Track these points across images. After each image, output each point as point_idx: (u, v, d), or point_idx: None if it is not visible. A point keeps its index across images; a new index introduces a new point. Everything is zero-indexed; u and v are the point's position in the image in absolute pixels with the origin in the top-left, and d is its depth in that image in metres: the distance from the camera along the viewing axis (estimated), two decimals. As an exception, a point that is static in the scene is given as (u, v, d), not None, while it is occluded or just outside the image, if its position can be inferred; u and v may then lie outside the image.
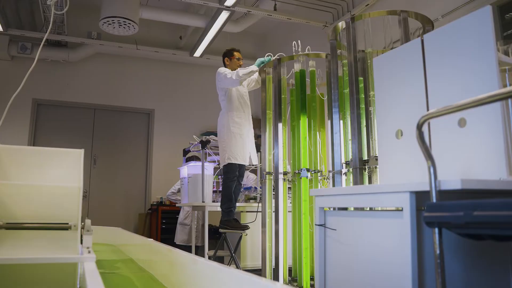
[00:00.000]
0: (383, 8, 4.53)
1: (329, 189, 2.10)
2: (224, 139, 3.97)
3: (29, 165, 1.76)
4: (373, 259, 1.50)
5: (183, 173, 4.96)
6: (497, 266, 1.43)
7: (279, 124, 3.70)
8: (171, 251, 2.14)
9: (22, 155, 1.78)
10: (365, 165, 2.85)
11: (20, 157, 1.76)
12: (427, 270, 1.36)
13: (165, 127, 7.50)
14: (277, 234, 3.53)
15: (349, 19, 3.01)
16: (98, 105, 7.13)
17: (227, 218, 3.85)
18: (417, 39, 1.74)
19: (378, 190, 1.49)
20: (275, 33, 7.39)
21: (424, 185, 1.34)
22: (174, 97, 7.61)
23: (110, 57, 7.15)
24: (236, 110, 4.06)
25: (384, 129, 1.87)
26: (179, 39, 7.12)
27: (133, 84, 7.36)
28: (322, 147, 3.70)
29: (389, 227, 1.44)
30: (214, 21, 5.25)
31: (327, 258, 1.76)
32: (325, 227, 1.78)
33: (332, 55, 3.33)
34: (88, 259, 1.44)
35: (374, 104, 3.01)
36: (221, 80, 4.02)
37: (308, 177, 3.53)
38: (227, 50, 4.32)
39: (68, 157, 1.82)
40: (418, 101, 1.71)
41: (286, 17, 5.29)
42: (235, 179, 3.93)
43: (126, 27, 4.90)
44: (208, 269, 1.55)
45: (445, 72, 1.62)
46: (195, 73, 7.75)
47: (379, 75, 1.94)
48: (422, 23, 3.07)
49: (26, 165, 1.76)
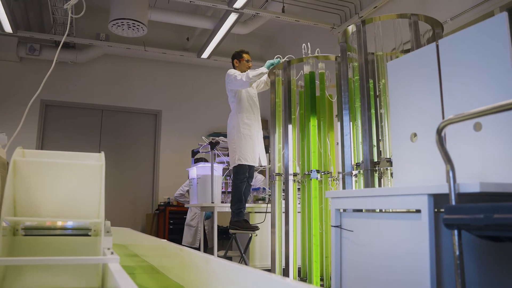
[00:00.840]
0: (391, 11, 4.57)
1: (345, 191, 2.14)
2: (234, 140, 4.01)
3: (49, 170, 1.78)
4: (390, 260, 1.54)
5: (192, 174, 5.00)
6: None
7: (289, 125, 3.74)
8: (184, 250, 2.16)
9: (42, 158, 1.81)
10: (376, 167, 2.89)
11: (40, 164, 1.78)
12: (444, 270, 1.39)
13: (172, 128, 7.56)
14: (287, 235, 3.57)
15: (359, 22, 3.04)
16: (106, 106, 7.18)
17: (237, 219, 3.89)
18: (432, 44, 1.77)
19: (396, 192, 1.52)
20: (281, 34, 7.43)
21: (442, 187, 1.38)
22: (181, 98, 7.67)
23: (118, 59, 7.21)
24: (246, 111, 4.10)
25: (398, 132, 1.90)
26: (186, 40, 7.17)
27: (141, 85, 7.41)
28: (331, 148, 3.74)
29: (406, 228, 1.48)
30: (223, 23, 5.29)
31: (343, 259, 1.79)
32: (341, 228, 1.81)
33: (342, 58, 3.36)
34: (112, 260, 1.47)
35: (386, 107, 3.05)
36: (231, 82, 4.06)
37: (318, 179, 3.56)
38: (236, 52, 4.36)
39: (88, 160, 1.85)
40: (433, 105, 1.74)
41: (294, 19, 5.32)
42: (245, 180, 3.97)
43: (135, 29, 4.95)
44: (223, 268, 1.57)
45: (460, 77, 1.65)
46: (202, 74, 7.80)
47: (394, 79, 1.97)
48: (431, 25, 3.10)
49: (45, 171, 1.78)
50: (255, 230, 3.91)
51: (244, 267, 1.45)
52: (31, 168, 1.68)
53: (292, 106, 3.81)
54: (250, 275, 1.33)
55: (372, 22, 3.09)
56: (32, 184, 1.69)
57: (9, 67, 6.69)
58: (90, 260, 1.49)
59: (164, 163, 7.45)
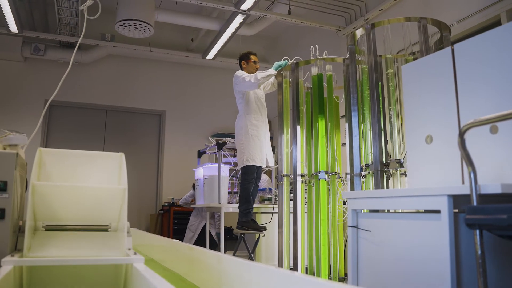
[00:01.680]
0: (397, 13, 4.61)
1: (362, 192, 2.17)
2: (242, 141, 4.04)
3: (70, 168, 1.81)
4: (409, 259, 1.57)
5: (199, 175, 5.03)
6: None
7: (297, 126, 3.78)
8: (193, 249, 2.18)
9: (64, 158, 1.83)
10: (385, 168, 2.93)
11: (62, 159, 1.81)
12: (463, 269, 1.43)
13: (177, 128, 7.59)
14: (296, 235, 3.60)
15: (369, 25, 3.08)
16: (110, 106, 7.21)
17: (245, 219, 3.92)
18: (448, 48, 1.81)
19: (415, 193, 1.56)
20: (285, 36, 7.47)
21: (462, 188, 1.41)
22: (186, 98, 7.70)
23: (123, 59, 7.25)
24: (254, 112, 4.13)
25: (413, 134, 1.94)
26: (190, 41, 7.21)
27: (145, 85, 7.45)
28: (337, 149, 3.77)
29: (426, 228, 1.51)
30: (229, 24, 5.32)
31: (359, 258, 1.83)
32: (357, 228, 1.85)
33: (351, 60, 3.40)
34: (137, 260, 1.49)
35: (395, 109, 3.09)
36: (239, 83, 4.09)
37: (326, 179, 3.60)
38: (244, 53, 4.39)
39: (108, 160, 1.87)
40: (449, 108, 1.78)
41: (300, 21, 5.36)
42: (253, 180, 4.01)
43: (142, 30, 4.98)
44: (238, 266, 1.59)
45: (475, 81, 1.69)
46: (206, 75, 7.84)
47: (408, 82, 2.01)
48: (439, 28, 3.15)
49: (67, 168, 1.81)
50: (263, 231, 3.95)
51: (265, 266, 1.48)
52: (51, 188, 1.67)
53: (300, 107, 3.85)
54: (275, 274, 1.35)
55: (381, 25, 3.13)
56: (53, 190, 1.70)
57: (13, 67, 6.71)
58: (116, 261, 1.51)
59: (168, 164, 7.48)
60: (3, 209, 1.49)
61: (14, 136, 1.68)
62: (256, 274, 1.41)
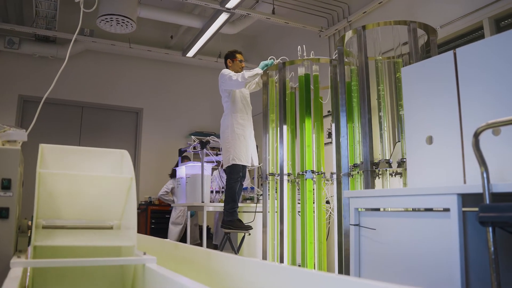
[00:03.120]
0: (380, 16, 4.70)
1: (366, 191, 2.20)
2: (228, 140, 4.02)
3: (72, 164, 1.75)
4: (416, 257, 1.61)
5: (181, 173, 4.98)
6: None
7: (284, 126, 3.79)
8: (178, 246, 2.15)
9: (65, 154, 1.77)
10: (375, 168, 2.98)
11: (63, 156, 1.75)
12: (471, 267, 1.47)
13: (154, 126, 7.49)
14: (282, 234, 3.61)
15: (360, 27, 3.13)
16: (86, 102, 7.04)
17: (231, 218, 3.91)
18: (449, 52, 1.86)
19: (424, 192, 1.59)
20: (264, 36, 7.49)
21: (471, 187, 1.46)
22: (164, 96, 7.61)
23: (101, 55, 7.08)
24: (240, 111, 4.12)
25: (413, 135, 1.98)
26: (169, 38, 7.12)
27: (123, 82, 7.31)
28: (322, 149, 3.80)
29: (434, 227, 1.55)
30: (213, 22, 5.28)
31: (362, 257, 1.85)
32: (361, 227, 1.87)
33: (339, 61, 3.44)
34: (150, 261, 1.46)
35: (385, 110, 3.15)
36: (225, 81, 4.07)
37: (312, 179, 3.63)
38: (230, 52, 4.37)
39: (110, 157, 1.82)
40: (450, 109, 1.83)
41: (283, 21, 5.38)
42: (238, 179, 4.00)
43: (124, 25, 4.88)
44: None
45: (477, 84, 1.74)
46: (186, 73, 7.77)
47: (409, 84, 2.05)
48: (426, 32, 3.23)
49: (69, 164, 1.75)
50: (248, 230, 3.94)
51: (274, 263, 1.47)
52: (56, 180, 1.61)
53: (286, 107, 3.86)
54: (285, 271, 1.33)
55: (372, 27, 3.19)
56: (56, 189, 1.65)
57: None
58: (127, 261, 1.47)
59: (145, 162, 7.37)
60: (7, 208, 1.44)
61: (14, 132, 1.61)
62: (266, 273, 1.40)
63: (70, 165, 1.72)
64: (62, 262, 1.34)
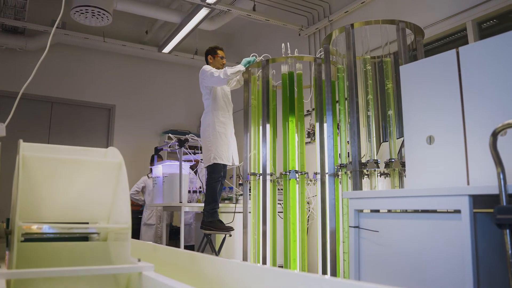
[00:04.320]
0: (362, 16, 4.69)
1: (368, 192, 2.14)
2: (209, 138, 3.90)
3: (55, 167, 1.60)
4: (422, 259, 1.56)
5: (157, 172, 4.82)
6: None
7: (267, 125, 3.70)
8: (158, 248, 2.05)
9: (47, 153, 1.62)
10: (363, 168, 2.94)
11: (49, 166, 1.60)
12: (481, 269, 1.43)
13: (127, 124, 7.25)
14: (265, 235, 3.53)
15: (349, 25, 3.08)
16: (56, 98, 6.74)
17: (211, 219, 3.80)
18: (452, 51, 1.83)
19: (432, 193, 1.54)
20: (242, 34, 7.40)
21: (484, 189, 1.42)
22: (138, 93, 7.38)
23: (73, 48, 6.78)
24: (221, 109, 4.01)
25: (413, 135, 1.93)
26: (144, 34, 6.92)
27: (95, 77, 7.03)
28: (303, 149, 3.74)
29: (444, 229, 1.50)
30: (192, 17, 5.14)
31: (362, 260, 1.79)
32: (361, 228, 1.81)
33: (325, 59, 3.39)
34: (147, 268, 1.34)
35: (372, 109, 3.11)
36: (206, 78, 3.95)
37: (296, 179, 3.57)
38: (211, 48, 4.26)
39: (100, 166, 1.67)
40: (452, 109, 1.79)
41: (264, 18, 5.30)
42: (220, 179, 3.89)
43: (99, 18, 4.68)
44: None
45: (481, 83, 1.71)
46: (161, 69, 7.57)
47: (408, 82, 2.00)
48: (413, 32, 3.22)
49: (54, 174, 1.59)
50: (229, 231, 3.84)
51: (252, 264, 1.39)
52: (40, 165, 1.48)
53: (270, 105, 3.78)
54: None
55: (360, 26, 3.15)
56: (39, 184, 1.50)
57: None
58: (127, 269, 1.34)
59: (117, 160, 7.12)
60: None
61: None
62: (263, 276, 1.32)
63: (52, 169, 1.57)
64: (49, 272, 1.20)
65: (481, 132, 1.69)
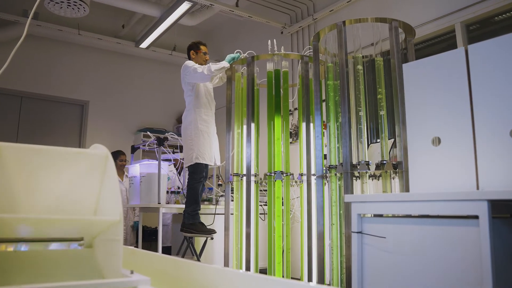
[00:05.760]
0: (348, 15, 4.62)
1: (375, 196, 2.04)
2: (191, 137, 3.74)
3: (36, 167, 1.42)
4: (435, 267, 1.46)
5: (134, 172, 4.62)
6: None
7: (252, 124, 3.57)
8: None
9: (28, 155, 1.44)
10: (354, 170, 2.84)
11: (25, 157, 1.42)
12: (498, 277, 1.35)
13: (101, 121, 6.98)
14: (248, 238, 3.40)
15: (340, 22, 2.99)
16: (26, 92, 6.41)
17: (192, 222, 3.64)
18: (461, 49, 1.74)
19: (448, 198, 1.45)
20: (221, 31, 7.25)
21: (502, 193, 1.33)
22: (112, 89, 7.12)
23: (45, 41, 6.45)
24: (204, 107, 3.86)
25: (417, 136, 1.84)
26: (121, 28, 6.67)
27: (68, 72, 6.73)
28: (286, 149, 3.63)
29: (460, 235, 1.41)
30: (173, 11, 4.95)
31: (365, 267, 1.69)
32: (364, 234, 1.71)
33: (314, 58, 3.29)
34: (143, 282, 1.18)
35: (364, 110, 3.03)
36: (189, 74, 3.78)
37: (282, 180, 3.45)
38: (193, 43, 4.10)
39: (84, 158, 1.50)
40: (460, 109, 1.71)
41: (247, 15, 5.17)
42: (201, 180, 3.73)
43: (76, 9, 4.44)
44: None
45: (492, 83, 1.64)
46: (137, 65, 7.32)
47: (411, 81, 1.91)
48: (404, 31, 3.16)
49: (32, 167, 1.41)
50: (211, 234, 3.68)
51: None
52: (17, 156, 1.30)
53: (255, 104, 3.66)
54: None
55: (352, 24, 3.06)
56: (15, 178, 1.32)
57: None
58: (114, 284, 1.17)
59: (90, 159, 6.84)
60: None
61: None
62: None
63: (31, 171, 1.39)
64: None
65: (491, 132, 1.61)
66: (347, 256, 2.69)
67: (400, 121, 2.80)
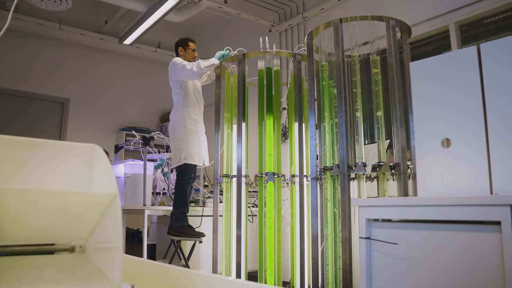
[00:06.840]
0: (338, 14, 4.55)
1: (386, 200, 1.95)
2: (180, 136, 3.61)
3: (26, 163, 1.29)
4: (451, 275, 1.39)
5: (117, 172, 4.46)
6: None
7: (243, 124, 3.47)
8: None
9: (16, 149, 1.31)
10: (351, 171, 2.76)
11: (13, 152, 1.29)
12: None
13: (81, 119, 6.77)
14: (239, 240, 3.29)
15: (337, 20, 2.91)
16: (3, 89, 6.15)
17: (180, 225, 3.51)
18: (472, 47, 1.68)
19: (467, 202, 1.37)
20: (206, 29, 7.12)
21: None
22: (94, 86, 6.90)
23: (24, 35, 6.20)
24: (192, 105, 3.73)
25: (426, 137, 1.77)
26: (103, 23, 6.47)
27: (48, 68, 6.49)
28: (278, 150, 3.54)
29: (479, 242, 1.34)
30: (159, 6, 4.80)
31: (374, 276, 1.60)
32: (369, 240, 1.62)
33: (308, 56, 3.21)
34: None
35: (361, 110, 2.95)
36: (177, 71, 3.65)
37: (274, 182, 3.36)
38: (182, 39, 3.97)
39: (76, 154, 1.38)
40: (472, 109, 1.64)
41: (236, 12, 5.06)
42: (190, 181, 3.61)
43: (57, 2, 4.26)
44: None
45: (505, 82, 1.58)
46: (120, 62, 7.12)
47: (419, 80, 1.84)
48: (400, 30, 3.10)
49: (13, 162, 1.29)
50: (200, 237, 3.56)
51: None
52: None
53: (245, 103, 3.55)
54: None
55: (348, 21, 2.98)
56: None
57: None
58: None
59: (70, 158, 6.62)
60: None
61: None
62: None
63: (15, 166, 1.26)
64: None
65: (506, 133, 1.55)
66: (343, 260, 2.61)
67: (398, 122, 2.73)
